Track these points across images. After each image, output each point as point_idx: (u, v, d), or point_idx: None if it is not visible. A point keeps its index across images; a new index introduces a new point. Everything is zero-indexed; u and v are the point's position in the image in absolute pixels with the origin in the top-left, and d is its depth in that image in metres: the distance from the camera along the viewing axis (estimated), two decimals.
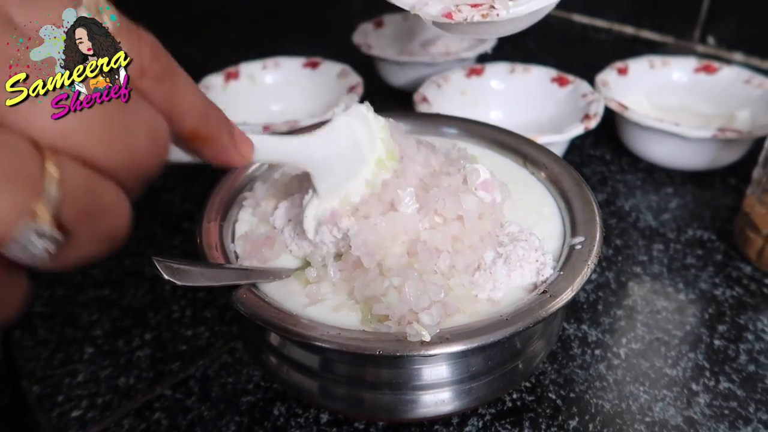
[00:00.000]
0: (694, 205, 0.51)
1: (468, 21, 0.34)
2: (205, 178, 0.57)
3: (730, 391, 0.36)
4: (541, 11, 0.35)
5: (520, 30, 0.39)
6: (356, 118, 0.32)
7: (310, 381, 0.34)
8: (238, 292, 0.31)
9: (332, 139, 0.31)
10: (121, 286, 0.45)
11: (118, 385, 0.38)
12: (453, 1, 0.35)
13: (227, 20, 0.95)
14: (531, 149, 0.41)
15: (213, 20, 0.95)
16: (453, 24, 0.35)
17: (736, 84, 0.58)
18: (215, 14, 0.96)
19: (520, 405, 0.36)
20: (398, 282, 0.29)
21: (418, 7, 0.35)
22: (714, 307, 0.42)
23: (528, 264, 0.31)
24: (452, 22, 0.34)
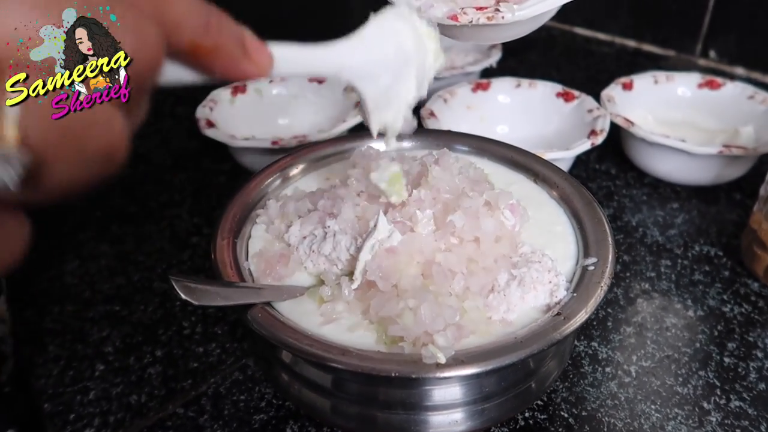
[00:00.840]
0: (700, 221, 0.52)
1: (473, 23, 0.34)
2: (211, 193, 0.58)
3: (741, 409, 0.36)
4: (544, 15, 0.36)
5: (523, 35, 0.39)
6: (397, 21, 0.28)
7: (322, 399, 0.34)
8: (253, 311, 0.31)
9: (370, 44, 0.27)
10: (131, 301, 0.45)
11: (130, 402, 0.38)
12: (458, 4, 0.36)
13: None
14: (542, 167, 0.42)
15: None
16: (458, 27, 0.35)
17: (740, 99, 0.59)
18: None
19: (533, 424, 0.36)
20: (413, 304, 0.29)
21: (424, 9, 0.35)
22: (723, 324, 0.42)
23: (542, 285, 0.32)
24: (458, 24, 0.34)
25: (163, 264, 0.49)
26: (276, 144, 0.52)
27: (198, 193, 0.58)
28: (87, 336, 0.43)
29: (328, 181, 0.41)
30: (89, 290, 0.47)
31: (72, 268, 0.49)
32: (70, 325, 0.44)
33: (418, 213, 0.33)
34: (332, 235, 0.34)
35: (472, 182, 0.37)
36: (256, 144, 0.53)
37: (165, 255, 0.50)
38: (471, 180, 0.37)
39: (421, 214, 0.33)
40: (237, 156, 0.57)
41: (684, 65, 0.81)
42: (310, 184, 0.42)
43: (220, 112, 0.60)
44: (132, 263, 0.49)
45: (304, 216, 0.36)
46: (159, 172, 0.61)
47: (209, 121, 0.56)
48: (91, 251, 0.51)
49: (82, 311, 0.45)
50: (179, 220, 0.54)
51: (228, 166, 0.61)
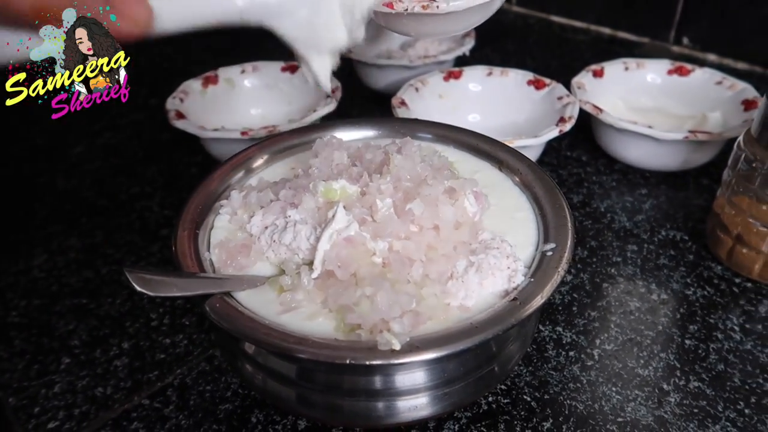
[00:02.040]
0: (668, 206, 0.52)
1: (408, 12, 0.34)
2: (183, 185, 0.57)
3: (699, 390, 0.37)
4: (488, 6, 0.36)
5: (469, 28, 0.39)
6: None
7: (287, 389, 0.34)
8: (210, 301, 0.31)
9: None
10: (99, 294, 0.45)
11: (96, 395, 0.38)
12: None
13: None
14: (506, 154, 0.42)
15: None
16: (396, 17, 0.35)
17: (708, 85, 0.59)
18: None
19: (496, 408, 0.36)
20: (371, 292, 0.29)
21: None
22: (685, 306, 0.43)
23: (500, 271, 0.32)
24: (393, 11, 0.34)
25: (133, 257, 0.49)
26: (245, 135, 0.52)
27: (169, 185, 0.57)
28: (53, 330, 0.42)
29: (293, 171, 0.41)
30: (57, 284, 0.46)
31: (40, 262, 0.49)
32: (36, 319, 0.43)
33: (378, 202, 0.33)
34: (293, 225, 0.34)
35: (434, 170, 0.37)
36: (225, 135, 0.53)
37: (135, 247, 0.50)
38: (434, 168, 0.37)
39: (381, 203, 0.33)
40: (208, 147, 0.57)
41: (658, 52, 0.81)
42: (275, 174, 0.42)
43: (192, 103, 0.59)
44: (101, 256, 0.49)
45: (266, 206, 0.36)
46: (130, 165, 0.61)
47: (179, 112, 0.56)
48: (59, 245, 0.50)
49: (49, 305, 0.45)
50: (150, 212, 0.54)
51: (200, 158, 0.60)
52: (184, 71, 0.63)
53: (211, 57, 0.69)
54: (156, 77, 0.77)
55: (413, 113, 0.56)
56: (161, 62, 0.81)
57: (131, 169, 0.60)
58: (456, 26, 0.36)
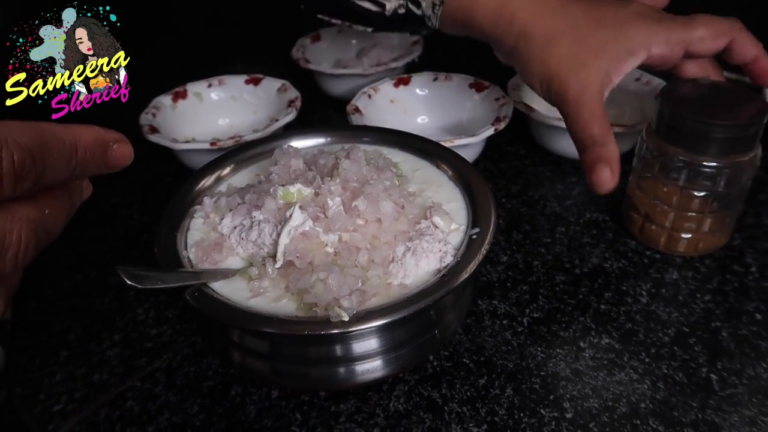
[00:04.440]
0: (593, 191, 0.59)
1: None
2: (159, 193, 0.63)
3: (610, 345, 0.44)
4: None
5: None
6: None
7: (260, 363, 0.40)
8: (190, 291, 0.37)
9: None
10: (89, 295, 0.50)
11: (93, 381, 0.43)
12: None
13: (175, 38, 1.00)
14: (442, 153, 0.48)
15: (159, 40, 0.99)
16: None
17: (629, 81, 0.66)
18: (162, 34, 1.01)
19: (440, 370, 0.43)
20: (324, 276, 0.35)
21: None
22: (603, 277, 0.49)
23: (433, 254, 0.38)
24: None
25: (117, 260, 0.54)
26: (214, 145, 0.57)
27: (146, 194, 0.63)
28: (50, 328, 0.48)
29: (257, 177, 0.47)
30: (50, 288, 0.51)
31: (32, 269, 0.54)
32: (34, 320, 0.49)
33: (329, 201, 0.39)
34: (257, 224, 0.40)
35: (378, 171, 0.43)
36: (196, 146, 0.58)
37: (119, 252, 0.55)
38: (378, 169, 0.44)
39: (332, 202, 0.39)
40: (181, 157, 0.62)
41: None
42: (241, 180, 0.47)
43: (164, 117, 0.65)
44: (88, 261, 0.54)
45: (234, 209, 0.42)
46: (110, 176, 0.65)
47: (152, 126, 0.61)
48: (50, 253, 0.55)
49: (45, 307, 0.50)
50: (130, 219, 0.59)
51: (173, 167, 0.65)
52: (154, 86, 0.68)
53: (179, 71, 0.74)
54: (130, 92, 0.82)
55: (367, 118, 0.62)
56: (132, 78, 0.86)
57: (111, 180, 0.65)
58: None
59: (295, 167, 0.43)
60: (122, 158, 0.31)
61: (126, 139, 0.30)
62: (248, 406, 0.41)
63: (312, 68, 0.73)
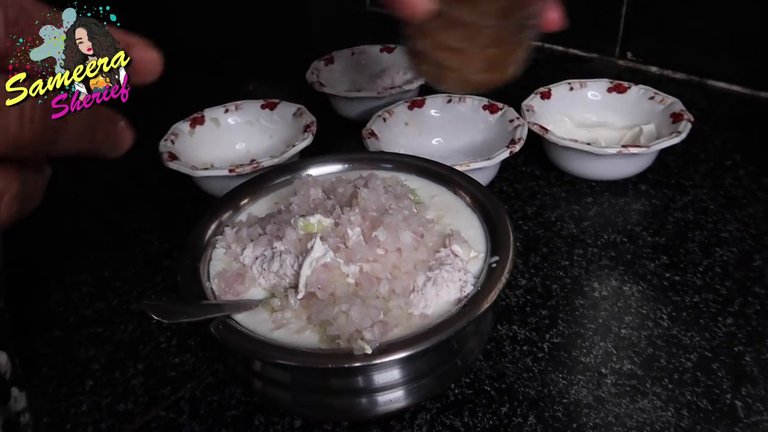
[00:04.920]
0: (610, 212, 0.59)
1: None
2: (178, 219, 0.64)
3: (632, 371, 0.44)
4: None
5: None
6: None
7: (283, 393, 0.40)
8: (214, 324, 0.37)
9: None
10: (112, 323, 0.51)
11: (118, 410, 0.44)
12: None
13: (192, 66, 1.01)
14: (460, 179, 0.49)
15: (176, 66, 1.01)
16: None
17: (643, 100, 0.66)
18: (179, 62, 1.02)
19: (461, 398, 0.43)
20: (346, 308, 0.36)
21: None
22: (622, 300, 0.49)
23: (453, 283, 0.38)
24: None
25: (139, 287, 0.55)
26: (233, 172, 0.58)
27: (166, 219, 0.64)
28: (75, 356, 0.48)
29: (276, 206, 0.47)
30: (74, 316, 0.52)
31: (57, 297, 0.55)
32: (59, 348, 0.49)
33: (349, 231, 0.40)
34: (279, 255, 0.40)
35: (396, 198, 0.44)
36: (215, 173, 0.59)
37: (140, 279, 0.56)
38: (396, 196, 0.44)
39: (351, 232, 0.39)
40: (199, 183, 0.63)
41: (606, 66, 0.89)
42: (261, 209, 0.48)
43: (182, 143, 0.66)
44: (110, 289, 0.55)
45: (256, 239, 0.42)
46: (129, 203, 0.67)
47: (171, 153, 0.62)
48: (72, 280, 0.56)
49: (69, 335, 0.50)
50: (151, 246, 0.60)
51: (192, 193, 0.66)
52: (172, 112, 0.69)
53: (195, 97, 0.75)
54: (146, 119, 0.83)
55: (382, 141, 0.62)
56: (149, 105, 0.88)
57: (131, 206, 0.66)
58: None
59: (314, 196, 0.44)
60: (126, 140, 0.25)
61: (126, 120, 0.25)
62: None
63: (327, 92, 0.74)
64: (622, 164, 0.60)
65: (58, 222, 0.65)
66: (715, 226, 0.56)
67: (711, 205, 0.59)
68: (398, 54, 0.84)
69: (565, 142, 0.59)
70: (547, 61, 0.92)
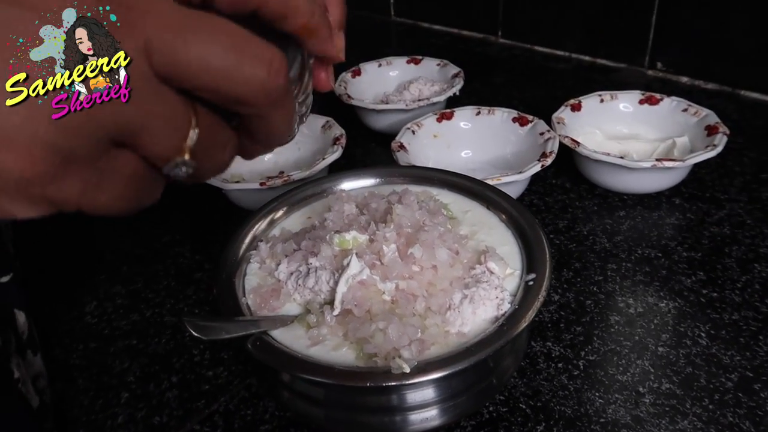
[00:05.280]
0: (643, 226, 0.59)
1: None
2: (209, 231, 0.64)
3: (670, 390, 0.43)
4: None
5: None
6: None
7: (316, 409, 0.40)
8: (251, 340, 0.37)
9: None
10: (146, 335, 0.52)
11: (153, 423, 0.44)
12: None
13: None
14: (493, 194, 0.48)
15: None
16: None
17: (676, 113, 0.65)
18: None
19: (496, 416, 0.42)
20: (383, 325, 0.36)
21: None
22: (658, 317, 0.49)
23: (489, 301, 0.38)
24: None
25: (172, 299, 0.55)
26: (264, 185, 0.59)
27: (197, 232, 0.64)
28: (110, 368, 0.49)
29: (310, 220, 0.47)
30: (108, 328, 0.53)
31: (91, 308, 0.55)
32: (94, 360, 0.50)
33: (384, 248, 0.39)
34: (314, 271, 0.40)
35: (431, 214, 0.43)
36: (246, 186, 0.59)
37: (172, 291, 0.57)
38: (430, 212, 0.44)
39: (387, 249, 0.39)
40: (230, 195, 0.64)
41: (635, 77, 0.88)
42: (294, 224, 0.48)
43: None
44: (144, 301, 0.56)
45: (290, 255, 0.43)
46: (161, 215, 0.68)
47: None
48: (106, 292, 0.57)
49: (103, 347, 0.51)
50: (183, 258, 0.61)
51: (222, 204, 0.67)
52: None
53: None
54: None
55: (411, 153, 0.62)
56: None
57: (162, 218, 0.67)
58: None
59: (348, 212, 0.44)
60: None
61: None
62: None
63: (355, 104, 0.74)
64: (655, 178, 0.59)
65: (91, 234, 0.66)
66: (753, 241, 0.55)
67: (748, 220, 0.58)
68: (425, 65, 0.84)
69: (597, 155, 0.58)
70: (575, 72, 0.92)
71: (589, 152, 0.59)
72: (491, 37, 1.05)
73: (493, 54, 1.01)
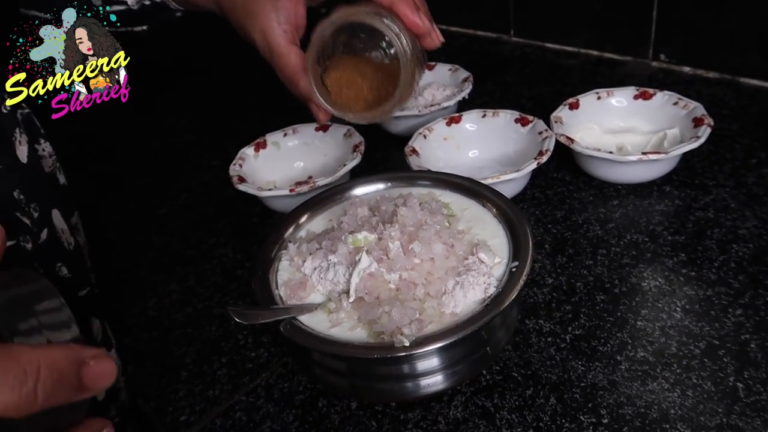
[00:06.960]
0: (634, 213, 0.64)
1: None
2: (248, 233, 0.73)
3: (644, 358, 0.49)
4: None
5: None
6: None
7: (341, 380, 0.49)
8: (283, 324, 0.46)
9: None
10: (199, 324, 0.61)
11: (208, 396, 0.53)
12: None
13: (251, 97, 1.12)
14: (487, 193, 0.55)
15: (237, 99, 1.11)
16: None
17: (667, 106, 0.71)
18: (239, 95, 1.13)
19: (492, 383, 0.50)
20: (388, 309, 0.44)
21: None
22: (640, 295, 0.55)
23: (478, 286, 0.46)
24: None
25: (218, 294, 0.65)
26: (293, 191, 0.67)
27: (237, 234, 0.73)
28: (171, 353, 0.59)
29: (330, 223, 0.56)
30: (167, 319, 0.63)
31: (152, 304, 0.65)
32: (157, 347, 0.60)
33: (390, 245, 0.47)
34: (333, 266, 0.48)
35: (431, 213, 0.51)
36: (277, 193, 0.68)
37: (218, 287, 0.66)
38: (431, 211, 0.51)
39: (392, 245, 0.47)
40: (265, 201, 0.72)
41: (640, 69, 0.93)
42: (318, 226, 0.56)
43: (249, 166, 0.76)
44: (195, 296, 0.65)
45: (314, 253, 0.51)
46: (205, 220, 0.77)
47: (240, 176, 0.72)
48: (163, 289, 0.67)
49: (164, 335, 0.61)
50: (226, 258, 0.70)
51: (259, 209, 0.76)
52: (237, 135, 0.79)
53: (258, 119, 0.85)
54: (215, 142, 0.94)
55: (423, 156, 0.70)
56: (217, 128, 0.99)
57: (207, 223, 0.77)
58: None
59: (361, 215, 0.52)
60: (101, 377, 0.25)
61: (105, 354, 0.25)
62: (333, 416, 0.50)
63: None
64: (645, 169, 0.65)
65: (147, 238, 0.76)
66: (734, 223, 0.61)
67: (732, 204, 0.63)
68: (438, 70, 0.91)
69: (588, 151, 0.64)
70: (582, 67, 0.97)
71: (582, 149, 0.65)
72: (504, 36, 1.11)
73: (506, 53, 1.06)
